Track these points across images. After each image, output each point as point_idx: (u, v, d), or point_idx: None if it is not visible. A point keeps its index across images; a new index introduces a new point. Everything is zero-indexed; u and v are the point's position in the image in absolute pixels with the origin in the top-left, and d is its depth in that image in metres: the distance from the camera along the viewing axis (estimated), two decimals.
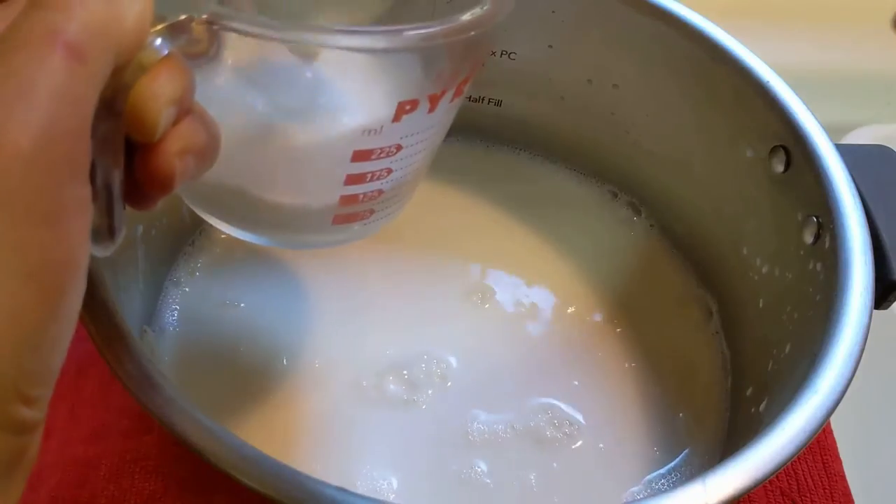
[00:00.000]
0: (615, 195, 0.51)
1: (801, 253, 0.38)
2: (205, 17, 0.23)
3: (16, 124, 0.18)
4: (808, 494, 0.42)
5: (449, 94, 0.28)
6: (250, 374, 0.41)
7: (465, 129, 0.52)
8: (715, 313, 0.46)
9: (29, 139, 0.18)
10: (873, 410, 0.55)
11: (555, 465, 0.39)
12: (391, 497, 0.37)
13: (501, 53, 0.48)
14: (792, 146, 0.39)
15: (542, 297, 0.46)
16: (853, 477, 0.44)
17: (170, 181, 0.23)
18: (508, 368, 0.42)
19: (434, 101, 0.27)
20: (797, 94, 0.40)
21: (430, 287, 0.45)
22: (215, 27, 0.23)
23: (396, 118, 0.27)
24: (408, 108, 0.27)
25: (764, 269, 0.41)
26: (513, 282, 0.46)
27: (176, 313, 0.43)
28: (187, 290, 0.44)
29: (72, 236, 0.19)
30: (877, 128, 0.65)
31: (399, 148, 0.28)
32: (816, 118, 0.39)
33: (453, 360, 0.42)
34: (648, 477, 0.40)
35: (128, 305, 0.36)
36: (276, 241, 0.33)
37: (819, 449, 0.44)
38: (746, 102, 0.41)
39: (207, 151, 0.24)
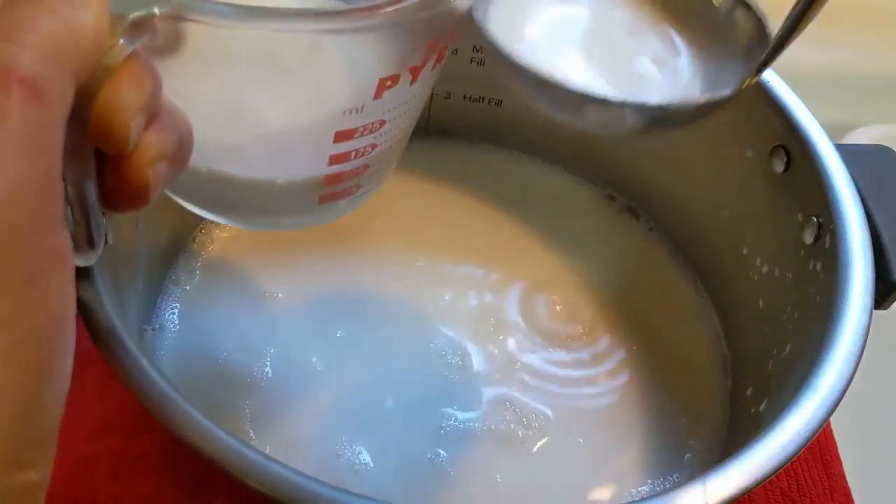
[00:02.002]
0: (613, 198, 0.51)
1: (801, 253, 0.38)
2: (166, 10, 0.21)
3: None
4: (808, 494, 0.42)
5: (430, 63, 0.27)
6: (250, 374, 0.41)
7: (464, 130, 0.52)
8: (715, 314, 0.46)
9: None
10: (873, 410, 0.55)
11: (554, 465, 0.39)
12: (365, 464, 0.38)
13: None
14: (792, 146, 0.39)
15: (539, 300, 0.46)
16: (853, 477, 0.43)
17: (145, 192, 0.22)
18: (506, 368, 0.42)
19: (416, 72, 0.26)
20: (797, 94, 0.40)
21: (426, 287, 0.45)
22: (178, 19, 0.22)
23: (378, 95, 0.26)
24: (389, 83, 0.26)
25: (764, 270, 0.41)
26: (510, 284, 0.46)
27: (176, 312, 0.43)
28: (187, 288, 0.44)
29: (54, 293, 0.18)
30: (877, 128, 0.65)
31: (382, 123, 0.27)
32: (816, 118, 0.39)
33: (451, 357, 0.42)
34: (650, 478, 0.40)
35: (128, 304, 0.36)
36: (262, 225, 0.32)
37: (819, 449, 0.44)
38: (746, 102, 0.41)
39: (180, 153, 0.23)
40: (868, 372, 0.33)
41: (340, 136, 0.27)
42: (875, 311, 0.34)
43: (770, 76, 0.40)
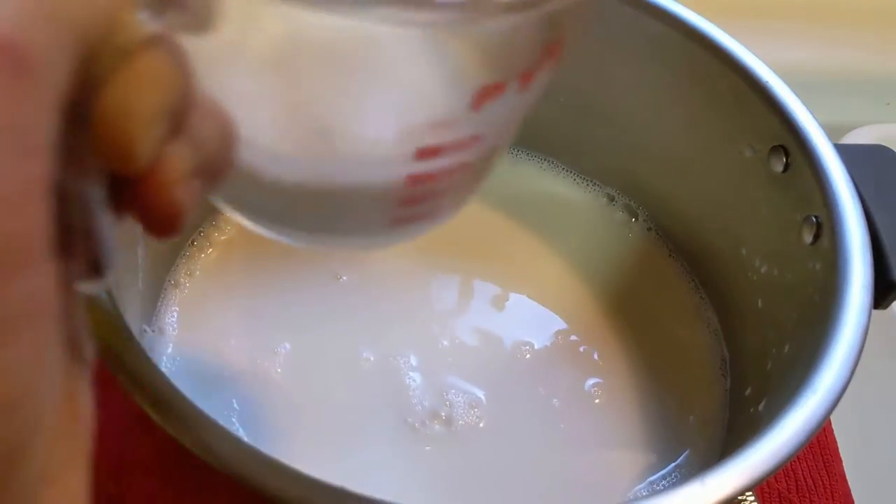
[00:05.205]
0: (613, 198, 0.51)
1: (801, 253, 0.38)
2: None
3: None
4: (807, 494, 0.42)
5: (546, 67, 0.21)
6: (249, 375, 0.41)
7: None
8: (714, 314, 0.46)
9: None
10: (873, 411, 0.55)
11: (555, 463, 0.39)
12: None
13: None
14: (791, 146, 0.39)
15: (537, 299, 0.46)
16: (853, 477, 0.44)
17: (171, 221, 0.16)
18: (505, 368, 0.43)
19: (526, 79, 0.20)
20: (797, 94, 0.40)
21: (426, 286, 0.45)
22: None
23: (476, 106, 0.20)
24: (491, 92, 0.20)
25: (763, 270, 0.42)
26: (508, 283, 0.46)
27: (176, 315, 0.43)
28: (186, 292, 0.44)
29: (23, 358, 0.13)
30: (876, 128, 0.65)
31: (476, 139, 0.22)
32: (816, 118, 0.39)
33: (447, 358, 0.42)
34: (649, 478, 0.40)
35: (128, 305, 0.36)
36: (325, 244, 0.27)
37: (819, 449, 0.44)
38: (746, 102, 0.41)
39: (219, 164, 0.17)
40: (868, 372, 0.34)
41: (424, 153, 0.21)
42: (875, 311, 0.34)
43: (770, 76, 0.40)
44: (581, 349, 0.44)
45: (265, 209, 0.24)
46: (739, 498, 0.30)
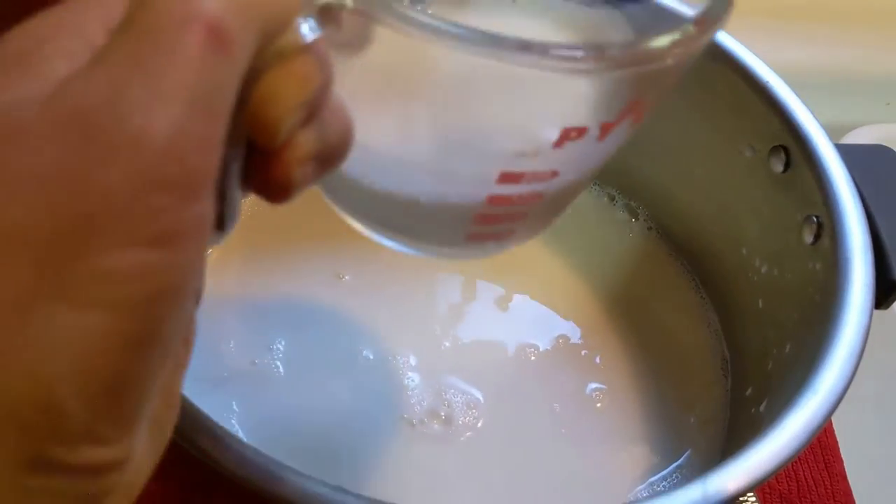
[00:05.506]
0: (613, 198, 0.51)
1: (801, 253, 0.38)
2: (360, 6, 0.19)
3: (133, 132, 0.15)
4: (808, 495, 0.42)
5: (626, 122, 0.23)
6: (248, 376, 0.41)
7: None
8: (715, 314, 0.46)
9: (147, 151, 0.15)
10: (874, 411, 0.55)
11: (555, 464, 0.39)
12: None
13: None
14: (791, 146, 0.39)
15: (539, 299, 0.46)
16: (854, 477, 0.43)
17: (286, 191, 0.20)
18: (507, 370, 0.42)
19: (606, 129, 0.23)
20: (797, 94, 0.40)
21: (428, 286, 0.45)
22: (370, 19, 0.19)
23: (558, 144, 0.23)
24: (574, 134, 0.22)
25: (763, 270, 0.41)
26: (510, 283, 0.46)
27: None
28: None
29: (183, 261, 0.16)
30: (877, 128, 0.65)
31: (554, 174, 0.24)
32: (816, 118, 0.39)
33: (448, 359, 0.42)
34: (650, 479, 0.40)
35: None
36: (400, 246, 0.29)
37: (821, 449, 0.44)
38: (746, 102, 0.41)
39: (334, 155, 0.21)
40: (869, 371, 0.33)
41: (505, 178, 0.24)
42: (875, 311, 0.34)
43: (770, 76, 0.40)
44: (583, 353, 0.44)
45: (361, 206, 0.27)
46: (741, 498, 0.30)
